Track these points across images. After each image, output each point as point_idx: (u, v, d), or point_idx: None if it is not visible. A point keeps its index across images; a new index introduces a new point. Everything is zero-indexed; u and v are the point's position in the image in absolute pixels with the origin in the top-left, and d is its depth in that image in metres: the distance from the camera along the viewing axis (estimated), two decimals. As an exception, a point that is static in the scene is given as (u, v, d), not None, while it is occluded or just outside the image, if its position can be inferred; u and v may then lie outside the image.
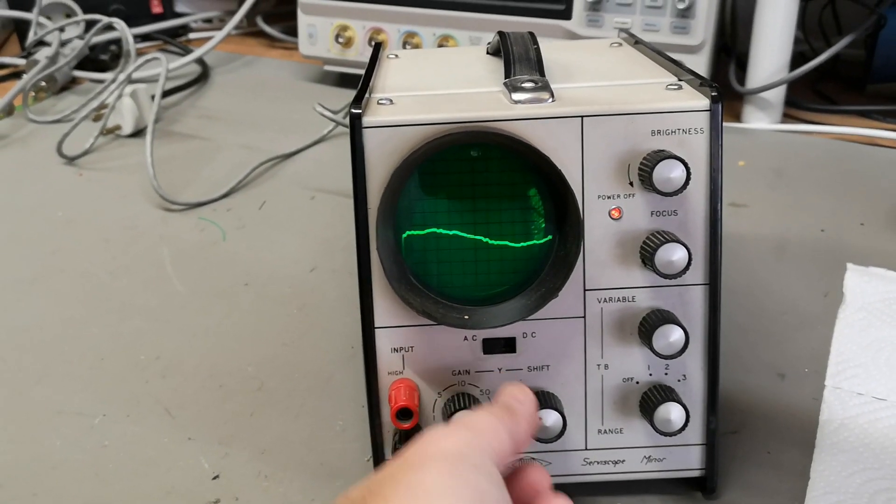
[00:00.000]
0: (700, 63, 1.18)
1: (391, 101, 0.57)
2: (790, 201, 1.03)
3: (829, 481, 0.62)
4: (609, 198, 0.56)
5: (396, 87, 0.63)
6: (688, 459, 0.60)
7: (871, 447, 0.65)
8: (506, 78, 0.59)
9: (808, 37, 1.44)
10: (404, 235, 0.56)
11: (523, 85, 0.57)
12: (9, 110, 1.34)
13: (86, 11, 1.53)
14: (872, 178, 1.08)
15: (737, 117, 1.29)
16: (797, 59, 1.26)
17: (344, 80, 1.47)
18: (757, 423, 0.68)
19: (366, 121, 0.54)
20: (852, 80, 1.43)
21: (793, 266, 0.89)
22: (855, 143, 1.20)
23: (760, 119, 1.26)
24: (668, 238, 0.54)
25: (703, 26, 1.16)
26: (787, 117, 1.29)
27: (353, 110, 0.54)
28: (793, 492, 0.61)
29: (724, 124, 1.20)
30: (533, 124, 0.54)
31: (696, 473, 0.61)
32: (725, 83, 1.28)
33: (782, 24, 1.19)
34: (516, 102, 0.56)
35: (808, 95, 1.37)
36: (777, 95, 1.25)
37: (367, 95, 0.58)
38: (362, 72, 0.65)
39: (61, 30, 1.48)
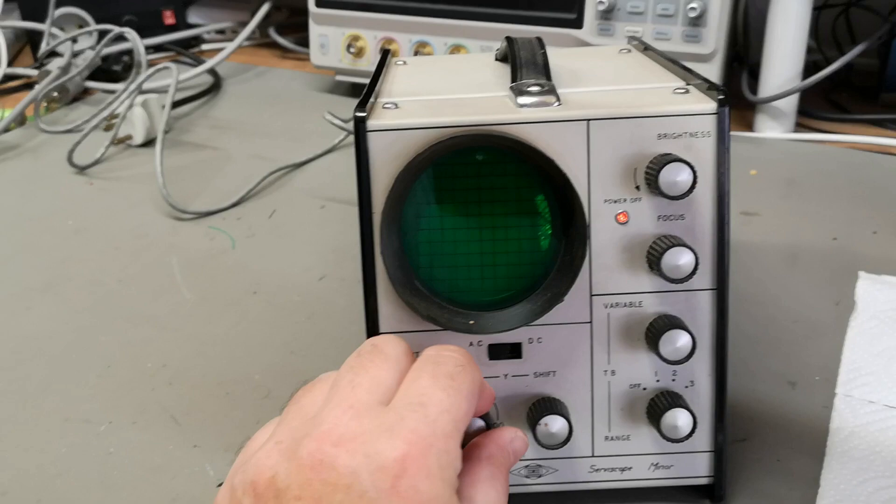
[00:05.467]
0: (712, 72, 1.18)
1: (396, 105, 0.57)
2: (802, 210, 1.02)
3: (839, 489, 0.61)
4: (615, 202, 0.55)
5: (403, 91, 0.62)
6: (696, 466, 0.60)
7: (882, 455, 0.64)
8: (512, 82, 0.59)
9: (821, 46, 1.44)
10: (409, 240, 0.56)
11: (529, 89, 0.57)
12: (21, 120, 1.35)
13: (98, 22, 1.54)
14: (885, 187, 1.07)
15: (749, 126, 1.28)
16: (810, 68, 1.25)
17: (356, 91, 1.47)
18: (767, 430, 0.68)
19: (370, 124, 0.54)
20: (866, 89, 1.42)
21: (804, 274, 0.89)
22: (868, 151, 1.19)
23: (773, 128, 1.25)
24: (674, 242, 0.54)
25: (715, 35, 1.16)
26: (799, 126, 1.28)
27: (358, 114, 0.54)
28: (802, 500, 0.61)
29: (737, 133, 1.22)
30: (538, 128, 0.54)
31: (704, 481, 0.60)
32: (738, 92, 1.28)
33: (795, 32, 1.19)
34: (522, 106, 0.55)
35: (820, 104, 1.37)
36: (790, 104, 1.24)
37: (372, 100, 0.58)
38: (374, 81, 0.65)
39: (74, 40, 1.49)
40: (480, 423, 0.53)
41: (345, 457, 0.41)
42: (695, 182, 0.53)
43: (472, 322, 0.55)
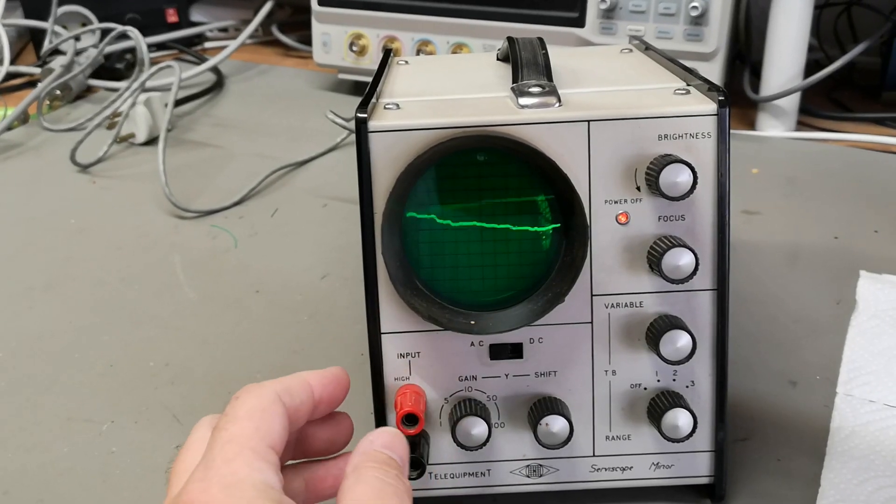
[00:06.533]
0: (714, 70, 1.18)
1: (398, 105, 0.57)
2: (804, 209, 1.03)
3: (839, 489, 0.61)
4: (616, 202, 0.55)
5: (404, 92, 0.63)
6: (696, 466, 0.60)
7: (882, 454, 0.64)
8: (513, 83, 0.59)
9: (822, 44, 1.44)
10: (410, 240, 0.56)
11: (530, 90, 0.57)
12: (24, 118, 1.35)
13: (101, 20, 1.54)
14: (887, 186, 1.07)
15: (751, 125, 1.28)
16: (812, 67, 1.26)
17: (358, 89, 1.47)
18: (767, 430, 0.68)
19: (371, 125, 0.54)
20: (867, 87, 1.42)
21: (805, 273, 0.89)
22: (870, 150, 1.19)
23: (775, 127, 1.25)
24: (675, 243, 0.54)
25: (717, 34, 1.16)
26: (801, 125, 1.28)
27: (359, 115, 0.54)
28: (803, 500, 0.61)
29: (739, 132, 1.22)
30: (539, 129, 0.54)
31: (704, 480, 0.60)
32: (740, 91, 1.28)
33: (796, 31, 1.19)
34: (523, 107, 0.55)
35: (822, 103, 1.37)
36: (791, 103, 1.24)
37: (373, 100, 0.58)
38: (377, 80, 0.65)
39: (76, 38, 1.49)
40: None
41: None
42: (695, 183, 0.53)
43: (472, 322, 0.55)
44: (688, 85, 0.59)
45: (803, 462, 0.64)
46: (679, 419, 0.56)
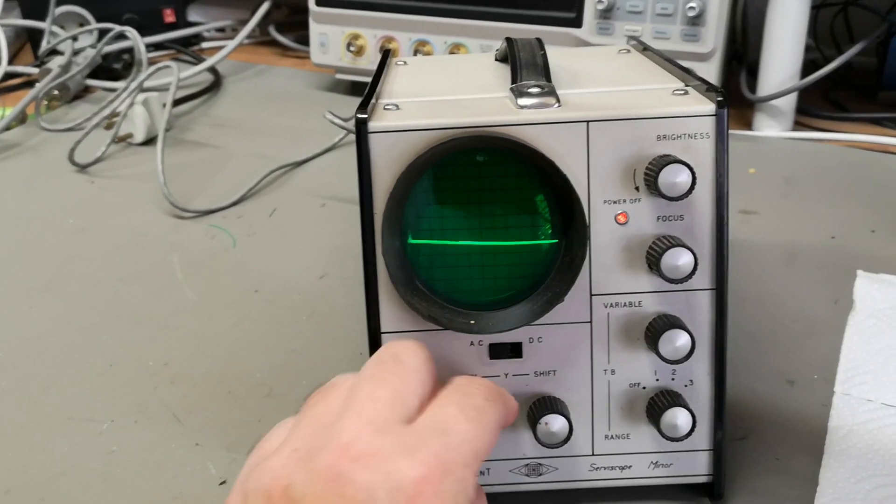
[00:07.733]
0: (711, 71, 1.18)
1: (397, 106, 0.58)
2: (801, 208, 1.03)
3: (837, 487, 0.61)
4: (615, 202, 0.56)
5: (403, 92, 0.63)
6: (695, 465, 0.60)
7: (880, 453, 0.64)
8: (512, 83, 0.59)
9: (819, 44, 1.44)
10: (410, 240, 0.56)
11: (529, 90, 0.57)
12: (21, 119, 1.35)
13: (99, 20, 1.54)
14: (884, 186, 1.08)
15: (748, 125, 1.28)
16: (808, 67, 1.26)
17: (356, 89, 1.47)
18: (765, 429, 0.68)
19: (371, 126, 0.54)
20: (864, 87, 1.43)
21: (803, 273, 0.89)
22: (866, 150, 1.20)
23: (772, 127, 1.26)
24: (674, 243, 0.54)
25: (714, 34, 1.16)
26: (798, 125, 1.28)
27: (359, 115, 0.55)
28: (801, 498, 0.61)
29: (736, 132, 1.23)
30: (538, 129, 0.54)
31: (703, 479, 0.60)
32: (737, 91, 1.28)
33: (793, 31, 1.19)
34: (522, 108, 0.56)
35: (819, 103, 1.37)
36: (788, 103, 1.25)
37: (373, 101, 0.58)
38: (374, 80, 0.65)
39: (74, 39, 1.49)
40: None
41: (363, 472, 0.41)
42: (694, 183, 0.53)
43: (472, 322, 0.55)
44: (686, 85, 0.59)
45: (801, 461, 0.65)
46: (678, 418, 0.57)
